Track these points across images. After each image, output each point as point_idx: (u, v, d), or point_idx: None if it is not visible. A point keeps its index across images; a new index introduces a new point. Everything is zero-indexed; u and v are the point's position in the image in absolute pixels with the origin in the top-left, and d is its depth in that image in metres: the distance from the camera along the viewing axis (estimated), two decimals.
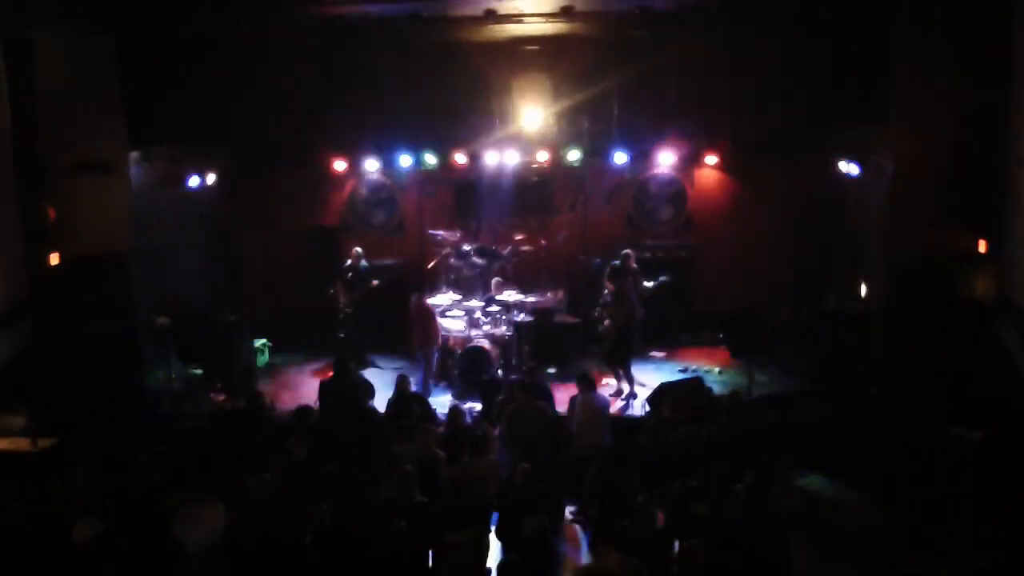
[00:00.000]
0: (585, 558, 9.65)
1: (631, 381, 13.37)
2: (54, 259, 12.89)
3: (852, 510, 10.50)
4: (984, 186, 11.77)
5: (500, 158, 15.08)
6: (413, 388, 12.43)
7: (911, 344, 12.11)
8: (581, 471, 10.27)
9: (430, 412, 11.76)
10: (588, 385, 11.11)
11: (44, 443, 10.54)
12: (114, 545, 7.68)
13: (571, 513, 10.58)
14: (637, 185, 16.31)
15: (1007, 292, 11.29)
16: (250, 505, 8.51)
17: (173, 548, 8.75)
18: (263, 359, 15.05)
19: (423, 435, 10.11)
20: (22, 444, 10.60)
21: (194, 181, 14.22)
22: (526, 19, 13.55)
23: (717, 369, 14.29)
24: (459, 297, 14.62)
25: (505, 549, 8.61)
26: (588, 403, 10.92)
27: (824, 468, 11.32)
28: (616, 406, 12.80)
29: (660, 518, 8.58)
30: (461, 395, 13.27)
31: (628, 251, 13.96)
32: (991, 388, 10.90)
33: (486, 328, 14.09)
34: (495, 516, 9.14)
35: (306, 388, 13.80)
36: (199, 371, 13.85)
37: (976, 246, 12.13)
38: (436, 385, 13.94)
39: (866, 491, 10.68)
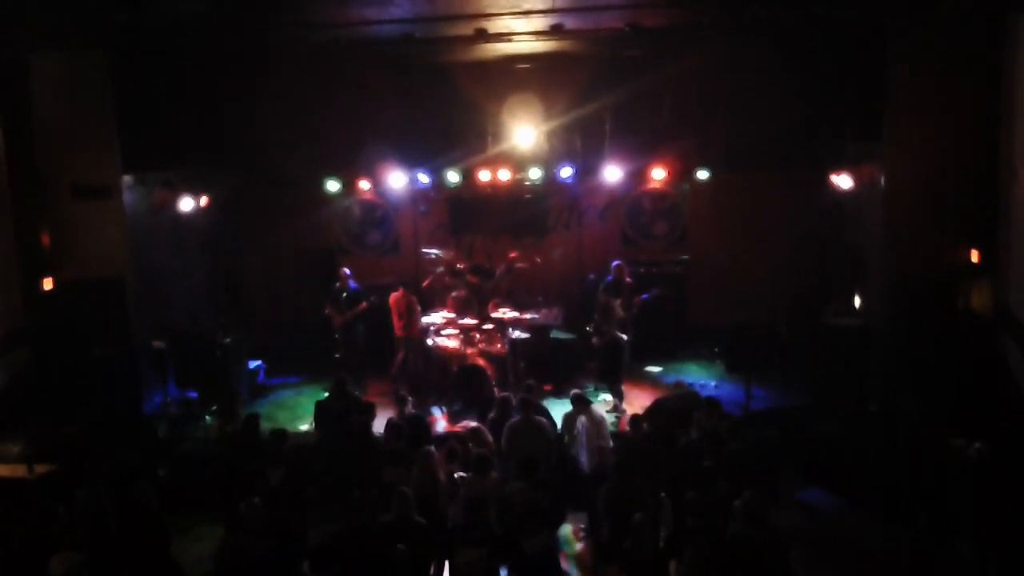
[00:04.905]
0: None
1: (620, 396, 13.36)
2: (47, 284, 12.87)
3: (853, 525, 10.50)
4: (979, 199, 11.82)
5: (493, 176, 15.13)
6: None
7: (910, 357, 12.10)
8: (592, 490, 10.17)
9: (423, 433, 11.34)
10: (585, 404, 11.00)
11: (41, 469, 10.47)
12: None
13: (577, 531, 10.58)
14: (631, 201, 16.39)
15: (1005, 304, 11.32)
16: (245, 530, 8.48)
17: (173, 573, 8.75)
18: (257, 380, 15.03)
19: (425, 458, 10.03)
20: (19, 470, 10.53)
21: (189, 204, 14.25)
22: (517, 38, 13.47)
23: (713, 383, 14.30)
24: (453, 315, 14.60)
25: (509, 570, 8.55)
26: (591, 422, 10.78)
27: (825, 483, 11.35)
28: (610, 422, 12.77)
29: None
30: (459, 413, 13.23)
31: (619, 262, 14.06)
32: (991, 400, 10.89)
33: (481, 346, 14.08)
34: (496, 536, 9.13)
35: (303, 409, 13.78)
36: (195, 394, 13.79)
37: (970, 257, 12.16)
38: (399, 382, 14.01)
39: (867, 506, 10.68)
